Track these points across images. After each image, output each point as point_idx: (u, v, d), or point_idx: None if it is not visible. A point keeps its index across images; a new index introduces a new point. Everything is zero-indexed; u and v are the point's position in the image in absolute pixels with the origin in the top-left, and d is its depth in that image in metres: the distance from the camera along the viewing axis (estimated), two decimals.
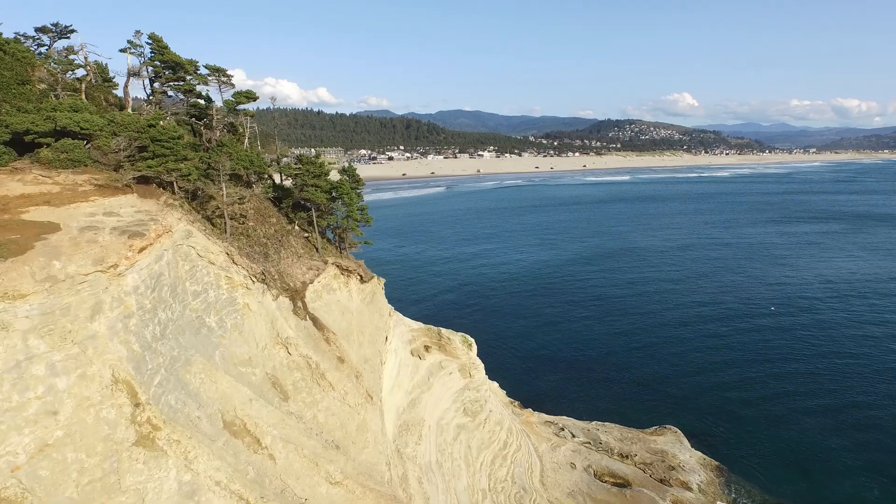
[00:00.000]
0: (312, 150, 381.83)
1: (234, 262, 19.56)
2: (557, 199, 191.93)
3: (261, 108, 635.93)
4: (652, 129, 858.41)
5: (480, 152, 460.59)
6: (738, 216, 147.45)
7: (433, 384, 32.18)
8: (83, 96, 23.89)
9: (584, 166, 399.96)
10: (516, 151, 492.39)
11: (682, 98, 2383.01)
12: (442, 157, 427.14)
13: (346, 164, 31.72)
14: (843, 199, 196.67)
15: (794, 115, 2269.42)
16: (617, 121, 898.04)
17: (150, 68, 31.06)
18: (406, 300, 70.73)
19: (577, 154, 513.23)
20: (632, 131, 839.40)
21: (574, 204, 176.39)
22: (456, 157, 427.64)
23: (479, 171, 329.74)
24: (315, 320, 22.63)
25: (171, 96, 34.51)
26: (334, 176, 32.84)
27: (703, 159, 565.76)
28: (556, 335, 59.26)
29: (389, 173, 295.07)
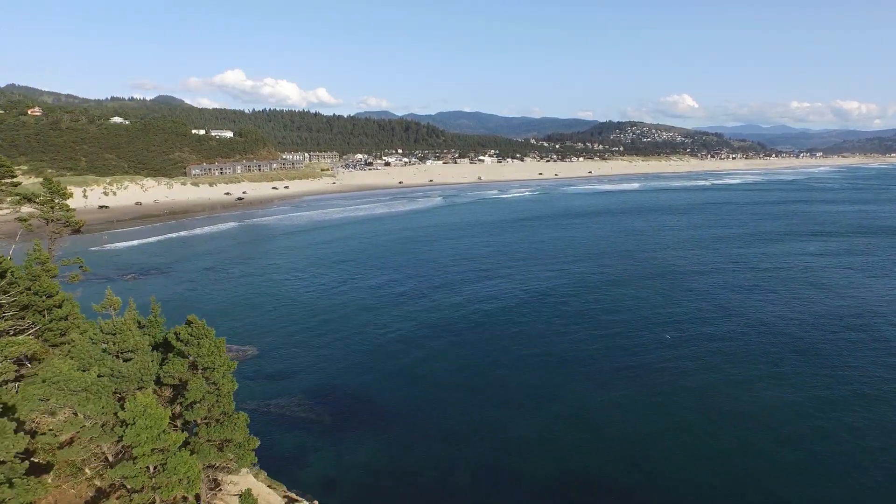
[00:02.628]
0: (307, 154, 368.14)
1: None
2: (568, 211, 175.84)
3: (256, 109, 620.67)
4: (653, 131, 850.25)
5: (481, 157, 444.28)
6: (774, 229, 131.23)
7: None
8: None
9: (590, 172, 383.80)
10: (518, 156, 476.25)
11: (681, 100, 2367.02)
12: (441, 162, 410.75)
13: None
14: (878, 210, 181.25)
15: (794, 117, 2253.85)
16: (618, 123, 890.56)
17: None
18: (368, 381, 54.32)
19: (581, 159, 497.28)
20: (633, 133, 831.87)
21: (586, 216, 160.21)
22: (456, 163, 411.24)
23: (480, 178, 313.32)
24: None
25: None
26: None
27: (710, 164, 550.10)
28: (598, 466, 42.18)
29: (385, 181, 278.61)
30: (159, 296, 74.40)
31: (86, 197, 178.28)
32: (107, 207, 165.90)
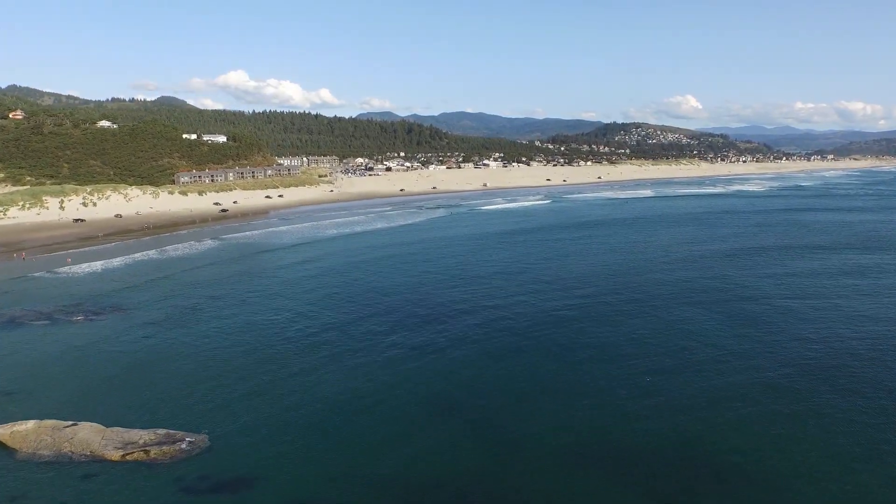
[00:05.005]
0: (305, 158, 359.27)
1: None
2: (579, 223, 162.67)
3: (258, 111, 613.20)
4: (659, 132, 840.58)
5: (486, 161, 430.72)
6: (807, 243, 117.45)
7: None
8: None
9: (599, 178, 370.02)
10: (524, 160, 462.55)
11: (685, 100, 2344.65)
12: (445, 166, 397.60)
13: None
14: None
15: (798, 118, 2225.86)
16: (622, 124, 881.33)
17: None
18: None
19: (588, 163, 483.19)
20: (638, 135, 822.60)
21: (598, 228, 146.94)
22: (460, 167, 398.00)
23: (485, 184, 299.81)
24: None
25: None
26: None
27: (721, 168, 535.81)
28: None
29: (386, 188, 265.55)
30: (106, 350, 60.81)
31: (62, 208, 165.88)
32: (83, 221, 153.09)
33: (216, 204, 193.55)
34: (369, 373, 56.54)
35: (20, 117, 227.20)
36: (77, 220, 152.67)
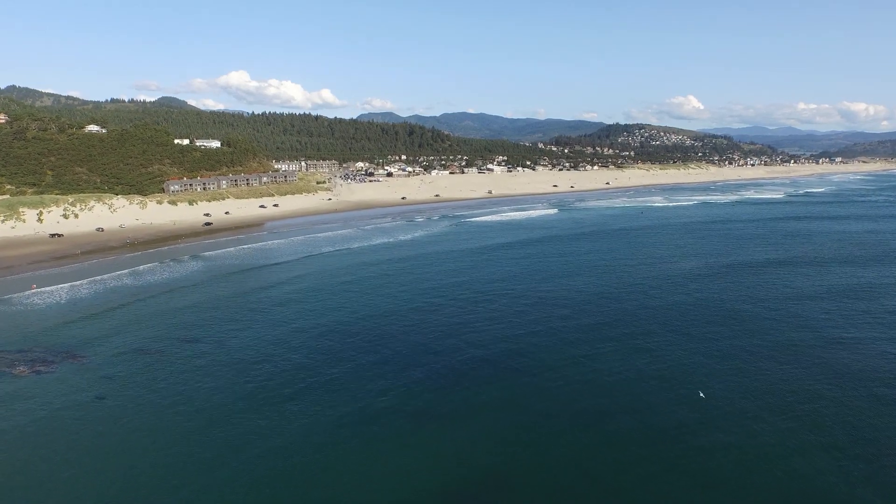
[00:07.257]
0: (304, 162, 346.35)
1: None
2: (596, 235, 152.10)
3: (259, 111, 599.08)
4: (662, 134, 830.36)
5: (490, 165, 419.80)
6: (846, 256, 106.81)
7: None
8: None
9: (607, 184, 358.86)
10: (528, 164, 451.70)
11: (686, 101, 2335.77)
12: (448, 171, 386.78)
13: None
14: None
15: (800, 119, 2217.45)
16: (626, 125, 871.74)
17: None
18: None
19: (596, 167, 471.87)
20: (641, 136, 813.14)
21: (615, 240, 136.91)
22: (463, 172, 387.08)
23: (490, 191, 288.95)
24: None
25: None
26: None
27: (730, 172, 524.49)
28: None
29: (387, 196, 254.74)
30: (45, 421, 42.43)
31: (41, 221, 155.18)
32: (60, 236, 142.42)
33: (206, 215, 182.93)
34: (349, 440, 45.99)
35: (2, 121, 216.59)
36: (54, 235, 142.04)
